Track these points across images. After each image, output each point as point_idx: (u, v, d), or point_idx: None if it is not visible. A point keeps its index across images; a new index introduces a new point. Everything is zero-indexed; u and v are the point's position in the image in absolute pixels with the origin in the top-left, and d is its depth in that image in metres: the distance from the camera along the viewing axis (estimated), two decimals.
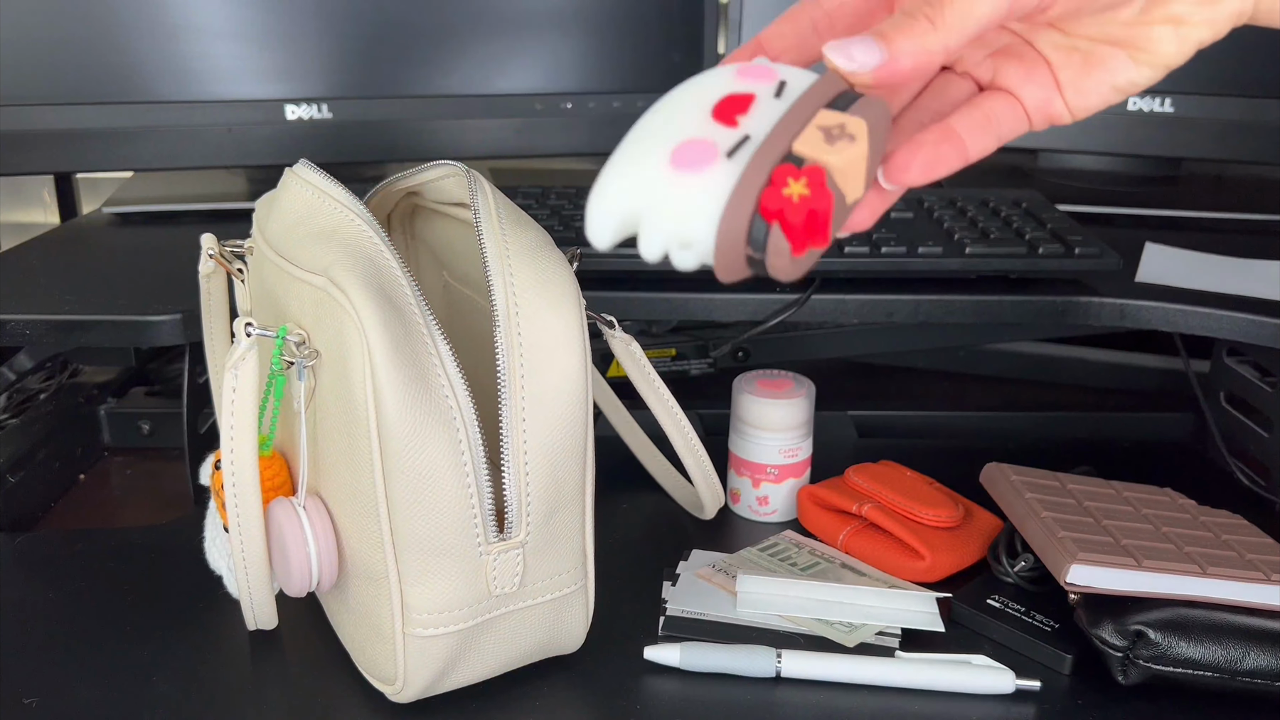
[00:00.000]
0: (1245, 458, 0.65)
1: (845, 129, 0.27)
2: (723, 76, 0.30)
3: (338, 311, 0.38)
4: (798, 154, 0.27)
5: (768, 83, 0.29)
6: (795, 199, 0.26)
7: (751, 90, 0.29)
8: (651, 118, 0.29)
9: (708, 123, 0.28)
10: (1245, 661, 0.44)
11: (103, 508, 0.62)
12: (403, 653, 0.41)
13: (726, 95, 0.28)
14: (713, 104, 0.28)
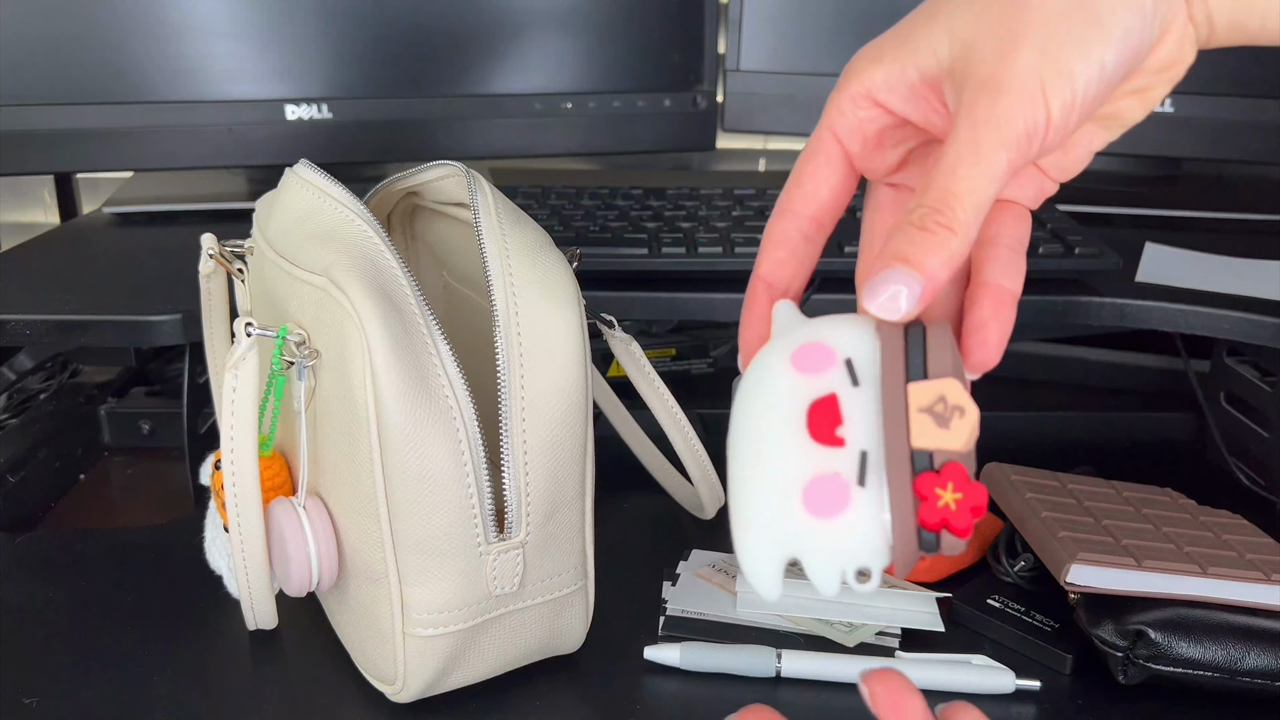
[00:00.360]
0: (1245, 457, 0.65)
1: (947, 401, 0.26)
2: (784, 377, 0.28)
3: (338, 311, 0.38)
4: (923, 450, 0.26)
5: (833, 369, 0.27)
6: (954, 506, 0.25)
7: (828, 388, 0.27)
8: (746, 452, 0.27)
9: (813, 449, 0.26)
10: (1245, 661, 0.44)
11: (103, 508, 0.62)
12: (402, 653, 0.41)
13: (809, 405, 0.27)
14: (802, 422, 0.27)
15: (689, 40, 0.77)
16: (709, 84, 0.79)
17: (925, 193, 0.27)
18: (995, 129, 0.26)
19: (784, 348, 0.28)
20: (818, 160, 0.31)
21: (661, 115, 0.78)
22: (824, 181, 0.31)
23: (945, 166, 0.27)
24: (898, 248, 0.27)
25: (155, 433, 0.67)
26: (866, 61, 0.30)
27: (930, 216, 0.27)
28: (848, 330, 0.28)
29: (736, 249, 0.63)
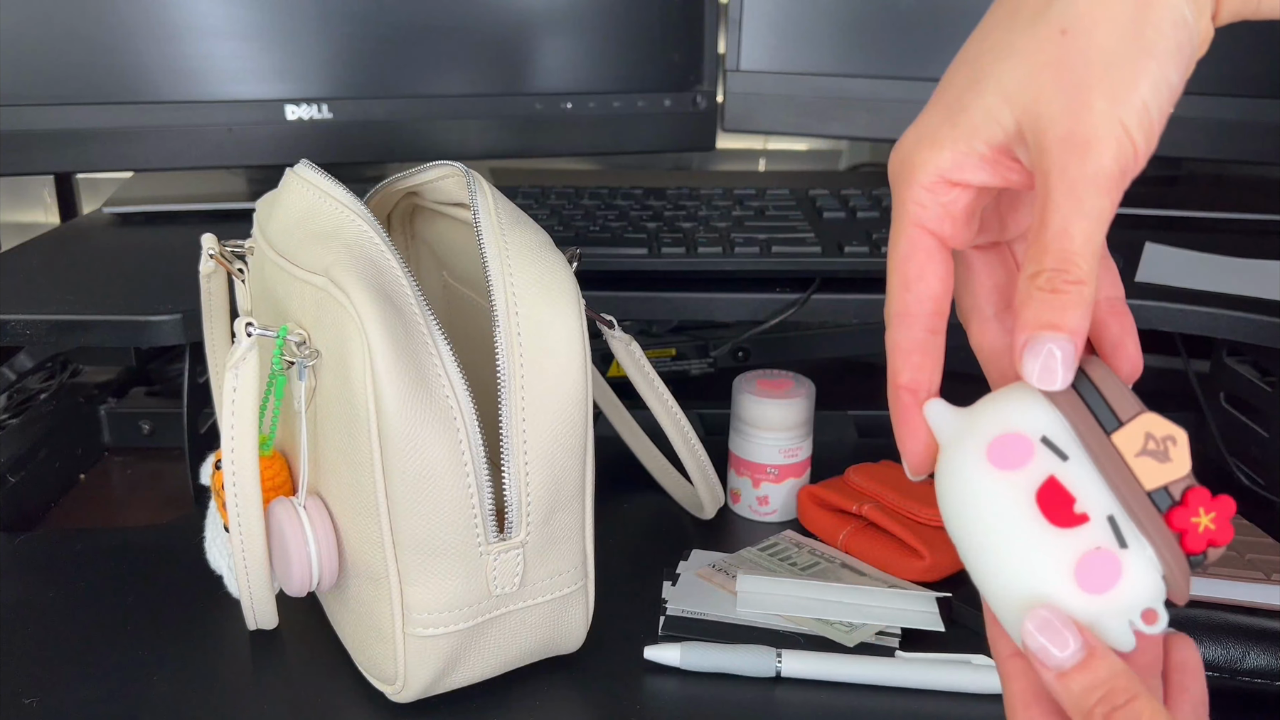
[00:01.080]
0: (1245, 458, 0.65)
1: (1155, 435, 0.27)
2: (992, 479, 0.28)
3: (338, 311, 0.38)
4: (1159, 489, 0.27)
5: (1034, 453, 0.28)
6: (1213, 526, 0.27)
7: (1043, 473, 0.27)
8: (995, 564, 0.28)
9: (1062, 534, 0.27)
10: (1245, 661, 0.44)
11: (103, 508, 0.62)
12: (403, 652, 0.41)
13: (1036, 496, 0.27)
14: (1036, 514, 0.27)
15: (689, 40, 0.77)
16: (709, 84, 0.79)
17: (1042, 256, 0.27)
18: (1093, 180, 0.26)
19: (974, 450, 0.28)
20: (919, 258, 0.30)
21: (661, 115, 0.78)
22: (932, 275, 0.30)
23: (1055, 227, 0.27)
24: (1037, 316, 0.27)
25: (155, 433, 0.67)
26: (925, 148, 0.29)
27: (1057, 278, 0.26)
28: (1022, 408, 0.28)
29: (736, 249, 0.63)
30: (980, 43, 0.29)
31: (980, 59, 0.29)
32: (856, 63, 0.76)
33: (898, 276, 0.31)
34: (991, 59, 0.28)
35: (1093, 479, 0.27)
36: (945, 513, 0.29)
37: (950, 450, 0.29)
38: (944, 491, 0.29)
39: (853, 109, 0.76)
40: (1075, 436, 0.27)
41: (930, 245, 0.30)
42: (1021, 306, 0.27)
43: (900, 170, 0.30)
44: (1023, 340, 0.27)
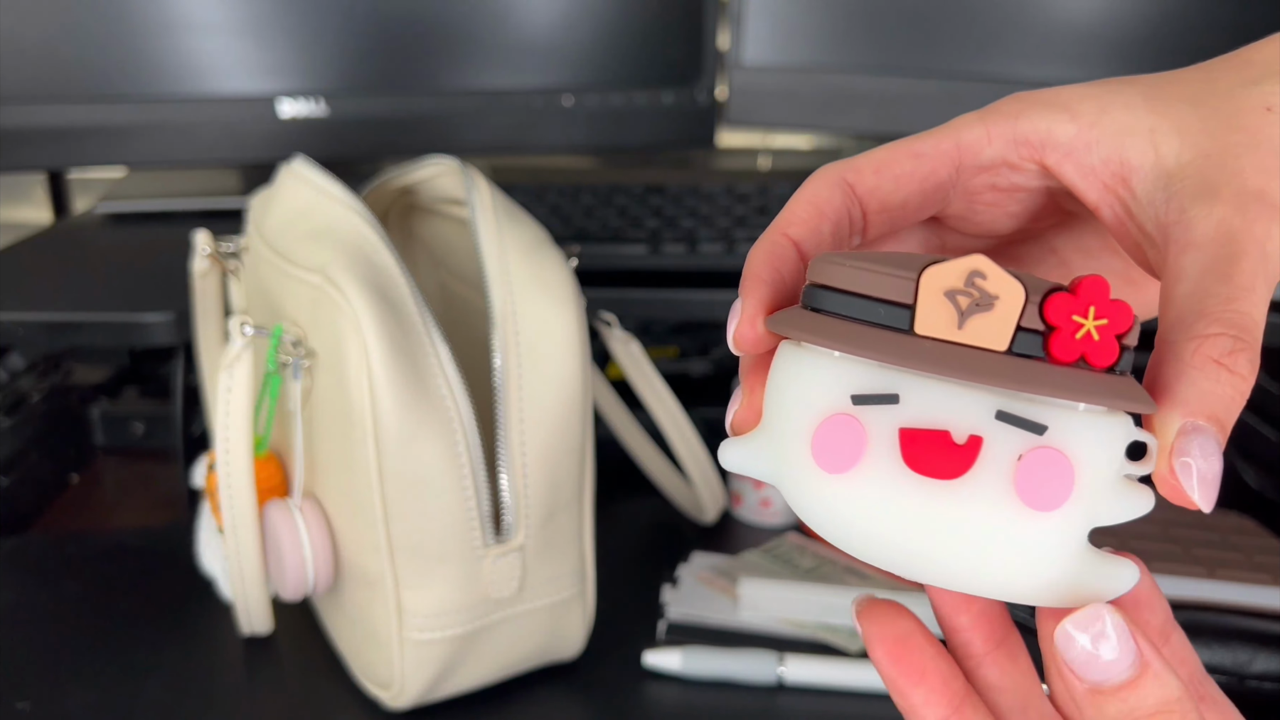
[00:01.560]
0: (1253, 459, 0.64)
1: (951, 289, 0.19)
2: (840, 493, 0.21)
3: (335, 310, 0.38)
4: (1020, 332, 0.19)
5: (861, 427, 0.20)
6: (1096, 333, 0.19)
7: (885, 440, 0.20)
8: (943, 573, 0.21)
9: (974, 478, 0.20)
10: (1254, 664, 0.43)
11: (95, 510, 0.61)
12: (400, 658, 0.40)
13: (901, 472, 0.20)
14: (926, 487, 0.20)
15: (690, 35, 0.76)
16: (710, 79, 0.78)
17: (1218, 316, 0.20)
18: (1275, 255, 0.21)
19: (803, 469, 0.21)
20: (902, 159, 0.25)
21: (661, 111, 0.77)
22: (901, 181, 0.25)
23: (1241, 284, 0.21)
24: (1204, 397, 0.20)
25: (149, 434, 0.67)
26: (1047, 109, 0.25)
27: (1236, 349, 0.20)
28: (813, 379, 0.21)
29: (738, 247, 0.62)
30: (1155, 82, 0.25)
31: (1153, 86, 0.25)
32: (861, 58, 0.75)
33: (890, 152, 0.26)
34: (1167, 99, 0.24)
35: (943, 392, 0.20)
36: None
37: (781, 473, 0.22)
38: (819, 526, 0.21)
39: (856, 105, 0.76)
40: (882, 365, 0.20)
41: (931, 166, 0.25)
42: (1178, 378, 0.20)
43: (1002, 107, 0.25)
44: (1183, 427, 0.20)
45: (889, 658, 0.23)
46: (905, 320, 0.20)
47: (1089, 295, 0.19)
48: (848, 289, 0.20)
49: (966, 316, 0.19)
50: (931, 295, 0.19)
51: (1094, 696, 0.20)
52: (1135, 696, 0.20)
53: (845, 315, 0.20)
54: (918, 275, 0.19)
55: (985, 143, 0.25)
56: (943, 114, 0.27)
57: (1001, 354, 0.19)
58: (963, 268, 0.19)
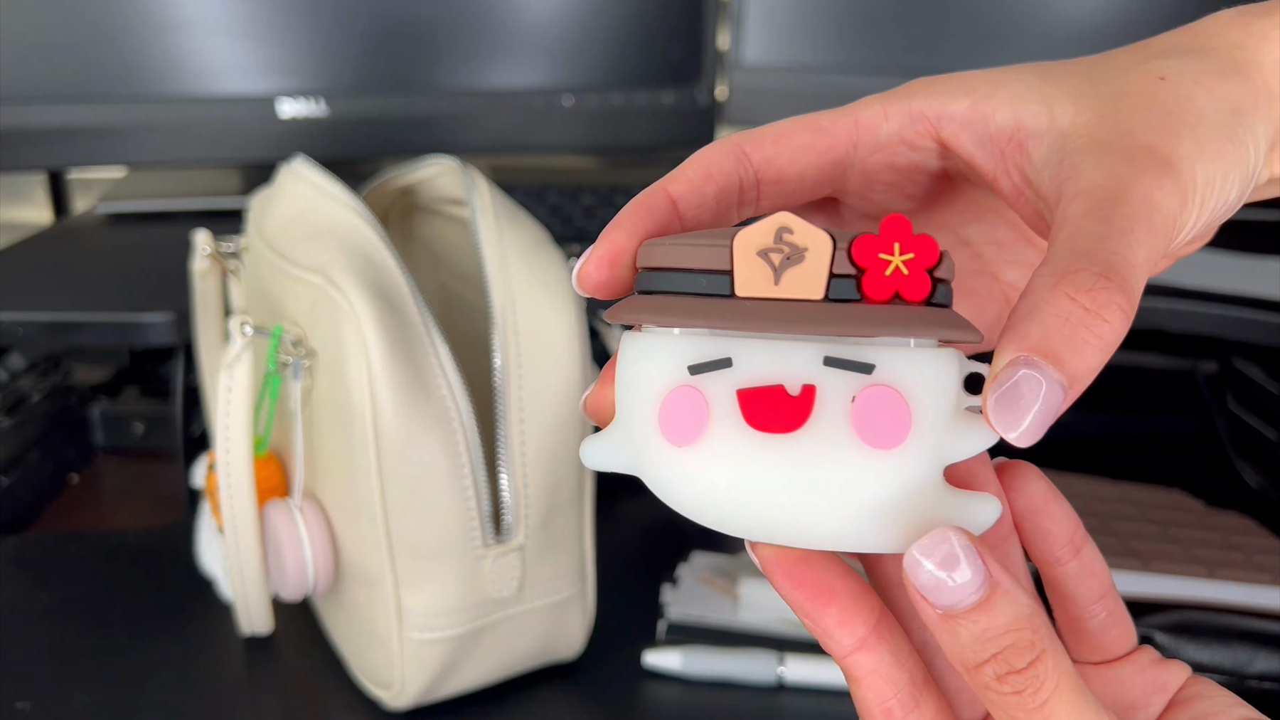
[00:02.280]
0: (1253, 459, 0.64)
1: (762, 249, 0.20)
2: (692, 473, 0.21)
3: (335, 310, 0.38)
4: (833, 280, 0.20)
5: (702, 395, 0.20)
6: (905, 268, 0.19)
7: (725, 405, 0.20)
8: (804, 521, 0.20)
9: (814, 428, 0.20)
10: (1254, 664, 0.43)
11: (95, 510, 0.61)
12: (400, 657, 0.40)
13: (747, 437, 0.20)
14: (772, 445, 0.20)
15: (690, 36, 0.76)
16: (709, 80, 0.78)
17: (1087, 255, 0.19)
18: (1163, 206, 0.21)
19: (655, 447, 0.21)
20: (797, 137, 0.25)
21: (662, 111, 0.77)
22: (798, 153, 0.25)
23: (1119, 225, 0.20)
24: (1048, 335, 0.19)
25: (149, 434, 0.67)
26: (944, 86, 0.25)
27: (1098, 286, 0.19)
28: (648, 354, 0.21)
29: None
30: (1052, 64, 0.25)
31: (1049, 66, 0.25)
32: (860, 58, 0.75)
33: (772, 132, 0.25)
34: (1062, 71, 0.24)
35: (773, 349, 0.20)
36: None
37: (638, 460, 0.21)
38: (679, 502, 0.21)
39: None
40: (714, 333, 0.20)
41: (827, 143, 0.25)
42: (1028, 313, 0.19)
43: (899, 91, 0.26)
44: (1015, 359, 0.19)
45: (791, 581, 0.22)
46: (726, 286, 0.20)
47: (892, 233, 0.19)
48: (671, 266, 0.21)
49: (781, 272, 0.20)
50: (746, 257, 0.20)
51: (946, 621, 0.20)
52: (987, 618, 0.19)
53: (673, 291, 0.21)
54: (731, 241, 0.20)
55: (882, 119, 0.25)
56: None
57: (819, 302, 0.20)
58: (771, 226, 0.19)
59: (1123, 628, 0.25)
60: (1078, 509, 0.56)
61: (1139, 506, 0.53)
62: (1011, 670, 0.19)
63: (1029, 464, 0.25)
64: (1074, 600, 0.25)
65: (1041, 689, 0.19)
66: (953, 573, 0.19)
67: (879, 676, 0.22)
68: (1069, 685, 0.20)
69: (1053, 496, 0.25)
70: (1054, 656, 0.20)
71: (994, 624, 0.19)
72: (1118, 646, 0.25)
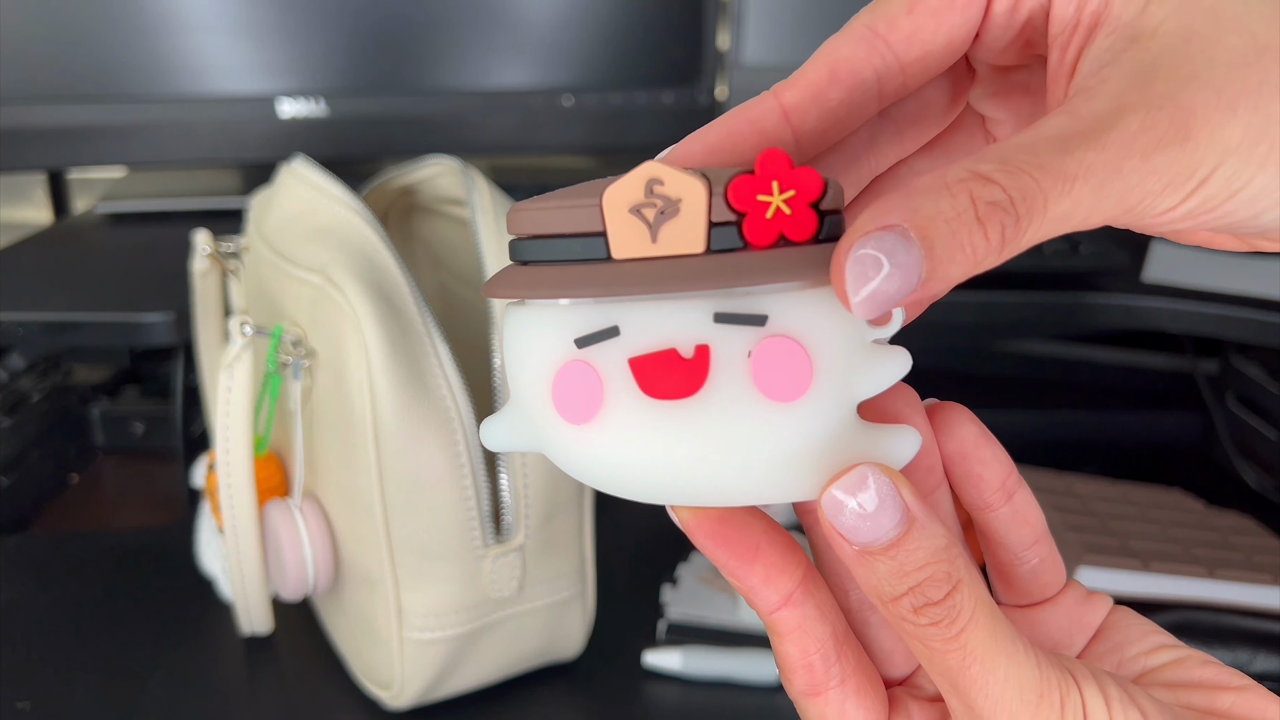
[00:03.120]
0: (1253, 458, 0.64)
1: (635, 205, 0.18)
2: (590, 443, 0.20)
3: (335, 310, 0.38)
4: (715, 228, 0.18)
5: (592, 371, 0.19)
6: (787, 206, 0.18)
7: (616, 376, 0.19)
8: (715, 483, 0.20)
9: (714, 390, 0.19)
10: (1253, 664, 0.43)
11: (96, 510, 0.61)
12: (400, 657, 0.40)
13: (644, 408, 0.19)
14: (670, 412, 0.19)
15: (689, 35, 0.76)
16: (709, 80, 0.78)
17: (1019, 170, 0.17)
18: (1150, 148, 0.18)
19: (553, 428, 0.20)
20: None
21: (662, 111, 0.77)
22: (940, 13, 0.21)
23: (1068, 169, 0.17)
24: (922, 208, 0.17)
25: (149, 434, 0.67)
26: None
27: (1003, 207, 0.17)
28: (533, 333, 0.20)
29: None
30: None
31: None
32: None
33: None
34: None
35: (661, 311, 0.19)
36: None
37: (539, 438, 0.20)
38: (589, 479, 0.20)
39: None
40: (597, 301, 0.19)
41: None
42: (926, 190, 0.17)
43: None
44: (890, 224, 0.17)
45: (714, 541, 0.21)
46: (602, 249, 0.18)
47: (769, 170, 0.18)
48: (542, 233, 0.19)
49: (657, 228, 0.18)
50: (617, 216, 0.18)
51: (864, 558, 0.19)
52: (903, 552, 0.19)
53: (547, 260, 0.19)
54: (600, 199, 0.18)
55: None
56: None
57: (702, 256, 0.18)
58: (639, 179, 0.18)
59: (1054, 573, 0.24)
60: (1078, 508, 0.56)
61: (1139, 506, 0.53)
62: (928, 602, 0.19)
63: (959, 405, 0.24)
64: (1005, 546, 0.24)
65: (958, 619, 0.19)
66: (871, 510, 0.19)
67: (803, 631, 0.22)
68: (985, 614, 0.19)
69: (985, 440, 0.24)
70: (970, 586, 0.19)
71: (911, 558, 0.19)
72: (1047, 590, 0.24)
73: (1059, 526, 0.48)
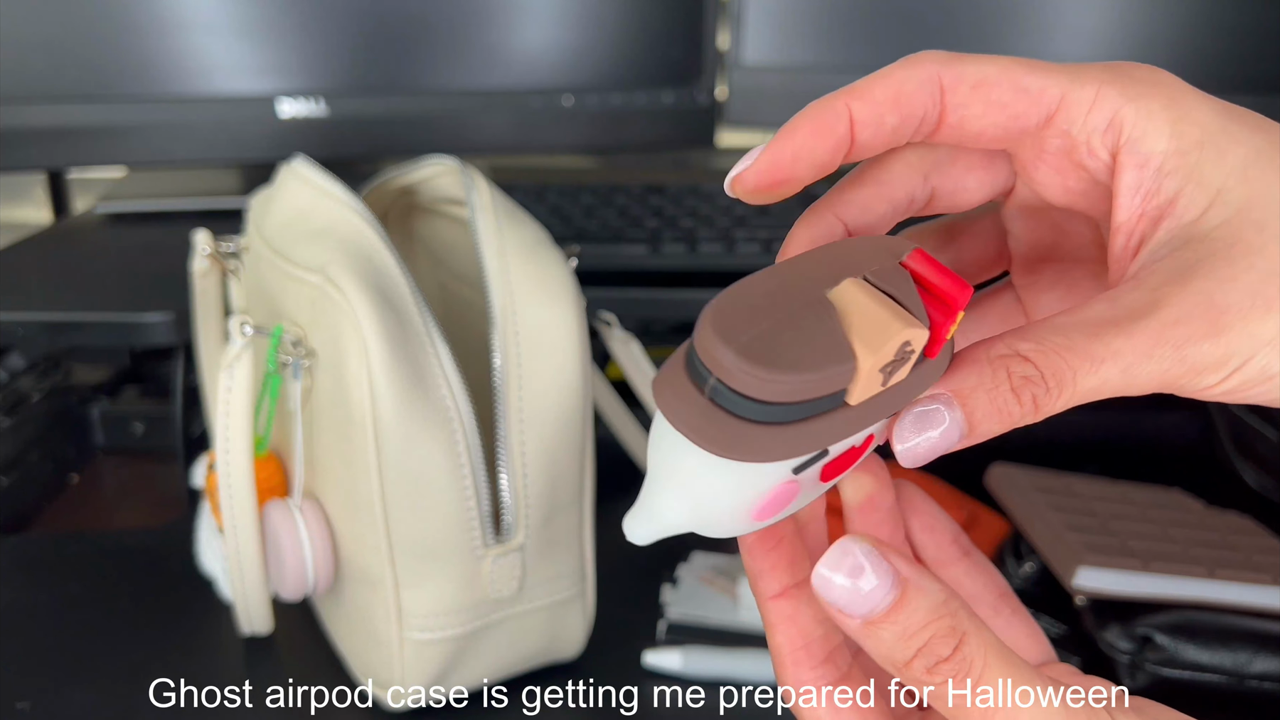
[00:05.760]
0: (1253, 458, 0.64)
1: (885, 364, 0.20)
2: None
3: (335, 310, 0.38)
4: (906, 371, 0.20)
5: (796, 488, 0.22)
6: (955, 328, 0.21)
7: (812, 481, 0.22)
8: None
9: None
10: (1253, 664, 0.43)
11: (95, 510, 0.61)
12: (399, 658, 0.40)
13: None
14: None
15: (689, 35, 0.76)
16: (709, 80, 0.78)
17: (1042, 336, 0.20)
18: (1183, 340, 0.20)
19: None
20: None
21: (662, 111, 0.77)
22: (990, 109, 0.22)
23: (1089, 318, 0.20)
24: (965, 383, 0.20)
25: (149, 434, 0.67)
26: (1146, 91, 0.22)
27: (1030, 374, 0.20)
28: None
29: (738, 246, 0.62)
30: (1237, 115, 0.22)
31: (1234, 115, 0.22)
32: (860, 58, 0.75)
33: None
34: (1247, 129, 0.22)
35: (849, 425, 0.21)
36: None
37: (703, 525, 0.22)
38: None
39: None
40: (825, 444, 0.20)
41: None
42: (968, 364, 0.20)
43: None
44: (937, 394, 0.20)
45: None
46: (840, 400, 0.20)
47: (960, 305, 0.20)
48: (790, 401, 0.19)
49: (891, 373, 0.20)
50: (869, 377, 0.19)
51: (868, 628, 0.20)
52: (904, 615, 0.20)
53: (788, 420, 0.19)
54: (853, 366, 0.19)
55: (1089, 107, 0.22)
56: None
57: (903, 381, 0.20)
58: (894, 345, 0.19)
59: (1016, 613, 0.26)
60: (1078, 509, 0.57)
61: (1139, 506, 0.53)
62: (939, 660, 0.20)
63: (912, 485, 0.26)
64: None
65: (971, 669, 0.20)
66: (861, 581, 0.20)
67: (792, 623, 0.23)
68: (996, 658, 0.20)
69: (936, 510, 0.26)
70: (976, 636, 0.20)
71: (912, 619, 0.20)
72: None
73: (1059, 526, 0.48)
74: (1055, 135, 0.23)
